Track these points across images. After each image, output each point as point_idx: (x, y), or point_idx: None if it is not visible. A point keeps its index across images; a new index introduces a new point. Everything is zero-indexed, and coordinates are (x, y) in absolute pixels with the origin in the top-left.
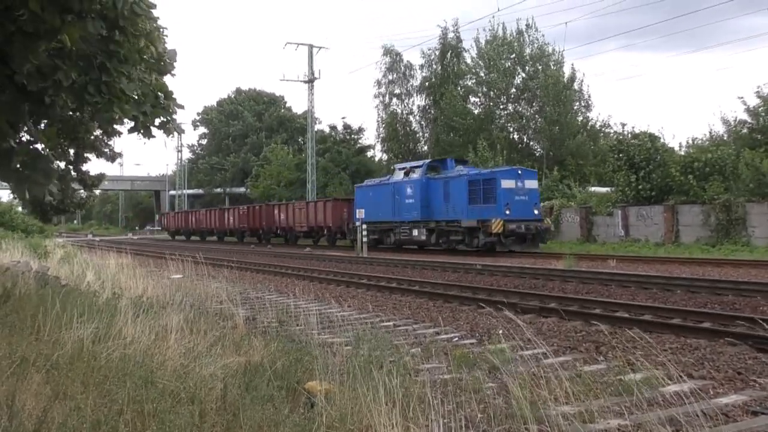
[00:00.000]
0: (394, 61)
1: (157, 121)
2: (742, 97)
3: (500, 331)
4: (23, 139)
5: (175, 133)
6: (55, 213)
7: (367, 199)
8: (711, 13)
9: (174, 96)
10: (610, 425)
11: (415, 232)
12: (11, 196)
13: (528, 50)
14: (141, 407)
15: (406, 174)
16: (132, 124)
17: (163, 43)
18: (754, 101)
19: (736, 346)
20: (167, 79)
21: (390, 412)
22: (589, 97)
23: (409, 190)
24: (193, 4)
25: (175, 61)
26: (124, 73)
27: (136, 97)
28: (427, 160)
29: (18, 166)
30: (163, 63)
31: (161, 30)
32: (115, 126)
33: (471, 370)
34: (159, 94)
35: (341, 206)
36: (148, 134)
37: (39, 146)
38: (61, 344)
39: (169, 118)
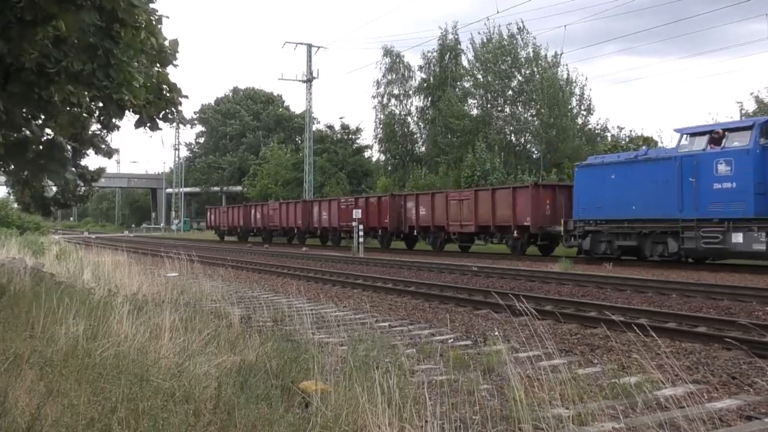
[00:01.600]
0: (393, 61)
1: (161, 113)
2: (740, 102)
3: (496, 333)
4: (34, 130)
5: (174, 130)
6: (58, 207)
7: (604, 183)
8: (709, 18)
9: (178, 87)
10: (605, 428)
11: (737, 238)
12: (8, 192)
13: (523, 53)
14: (135, 405)
15: (715, 141)
16: (137, 117)
17: (162, 36)
18: (752, 106)
19: (730, 350)
20: (170, 69)
21: (385, 412)
22: (590, 100)
23: (721, 167)
24: (192, 3)
25: (177, 51)
26: (129, 62)
27: (139, 87)
28: (762, 118)
29: (33, 155)
30: (165, 54)
31: (161, 21)
32: (122, 114)
33: (466, 372)
34: (163, 86)
35: (542, 196)
36: (155, 126)
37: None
38: (55, 341)
39: (174, 109)
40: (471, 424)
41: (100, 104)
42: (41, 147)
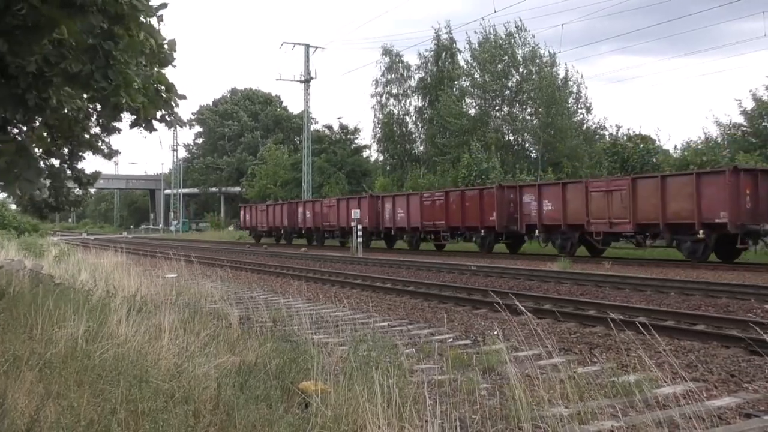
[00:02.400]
0: (392, 61)
1: (158, 115)
2: (739, 100)
3: (495, 332)
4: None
5: (172, 131)
6: (51, 211)
7: None
8: (704, 17)
9: (175, 88)
10: (604, 426)
11: None
12: (6, 194)
13: (520, 52)
14: (134, 406)
15: None
16: (133, 118)
17: (161, 36)
18: (750, 104)
19: (729, 348)
20: (168, 70)
21: (385, 412)
22: (587, 98)
23: None
24: (189, 3)
25: (175, 51)
26: (128, 63)
27: (137, 89)
28: None
29: (7, 164)
30: (163, 54)
31: (162, 18)
32: (120, 116)
33: (466, 371)
34: (160, 87)
35: (743, 185)
36: (150, 128)
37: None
38: (55, 343)
39: (170, 111)
40: (471, 424)
41: (98, 106)
42: (15, 156)
